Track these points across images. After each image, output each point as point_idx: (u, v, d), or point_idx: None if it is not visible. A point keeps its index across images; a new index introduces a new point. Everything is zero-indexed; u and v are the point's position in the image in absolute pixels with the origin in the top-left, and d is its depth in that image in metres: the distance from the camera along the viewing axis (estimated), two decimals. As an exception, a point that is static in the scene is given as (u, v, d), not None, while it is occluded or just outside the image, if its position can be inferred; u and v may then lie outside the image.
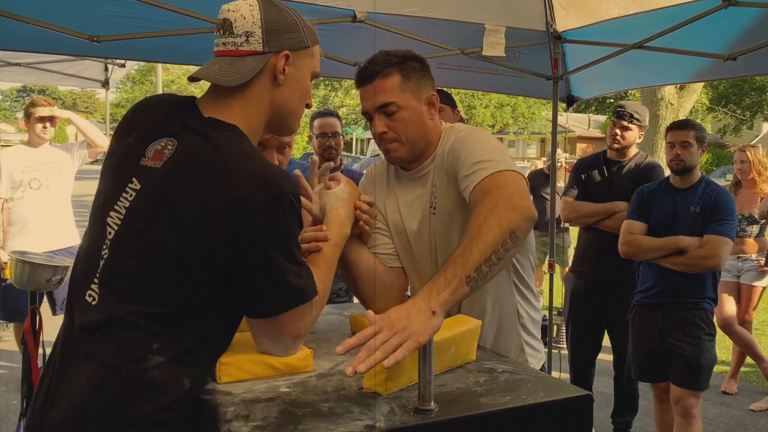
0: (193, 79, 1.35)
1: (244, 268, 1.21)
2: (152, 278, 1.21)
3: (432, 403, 1.21)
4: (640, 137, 3.60)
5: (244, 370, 1.36)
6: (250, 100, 1.33)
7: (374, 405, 1.23)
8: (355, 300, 3.89)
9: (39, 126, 4.05)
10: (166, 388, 1.19)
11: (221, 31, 1.33)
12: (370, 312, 1.21)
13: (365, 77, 1.66)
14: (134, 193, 1.25)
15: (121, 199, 1.26)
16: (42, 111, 4.02)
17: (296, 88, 1.37)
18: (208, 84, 1.38)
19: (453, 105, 3.14)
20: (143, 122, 1.36)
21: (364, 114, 1.71)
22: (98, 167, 1.68)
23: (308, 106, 1.45)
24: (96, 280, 1.24)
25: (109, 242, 1.25)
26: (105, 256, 1.24)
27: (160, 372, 1.19)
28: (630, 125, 3.50)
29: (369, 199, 1.69)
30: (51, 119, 4.07)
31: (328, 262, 1.47)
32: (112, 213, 1.26)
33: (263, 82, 1.32)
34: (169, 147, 1.27)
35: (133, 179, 1.27)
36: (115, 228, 1.25)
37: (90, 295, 1.24)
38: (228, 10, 1.32)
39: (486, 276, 1.29)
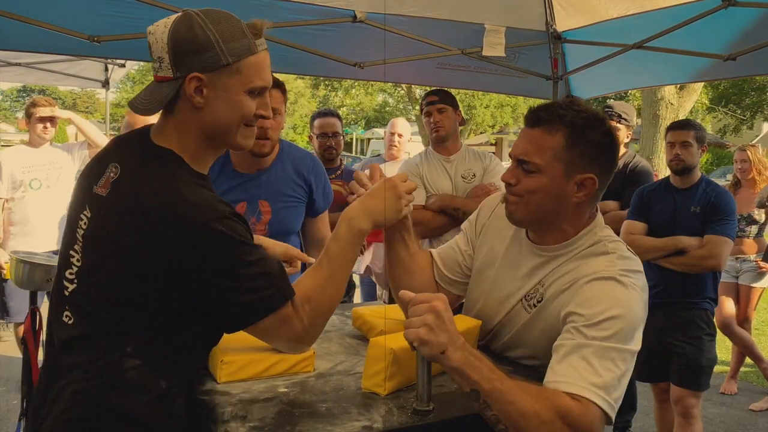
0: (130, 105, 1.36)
1: (193, 295, 1.23)
2: (115, 301, 1.24)
3: (430, 403, 1.21)
4: (628, 137, 3.59)
5: (245, 370, 1.36)
6: (179, 125, 1.31)
7: (372, 405, 1.23)
8: (356, 300, 3.90)
9: (40, 126, 4.05)
10: (143, 388, 1.24)
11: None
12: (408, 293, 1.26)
13: (532, 120, 1.45)
14: (87, 221, 1.29)
15: (78, 227, 1.30)
16: (42, 111, 4.02)
17: (224, 108, 1.30)
18: None
19: (455, 106, 3.16)
20: (107, 149, 1.41)
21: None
22: None
23: (262, 117, 1.41)
24: (68, 306, 1.29)
25: (75, 269, 1.29)
26: (74, 281, 1.29)
27: (137, 374, 1.23)
28: (618, 125, 3.50)
29: (410, 185, 1.52)
30: (51, 119, 4.07)
31: (330, 259, 1.39)
32: (75, 242, 1.31)
33: (185, 107, 1.29)
34: (112, 174, 1.29)
35: (86, 207, 1.30)
36: (78, 255, 1.29)
37: (66, 316, 1.29)
38: (149, 32, 1.29)
39: (477, 400, 1.18)
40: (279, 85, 2.27)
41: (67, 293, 1.30)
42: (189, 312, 1.26)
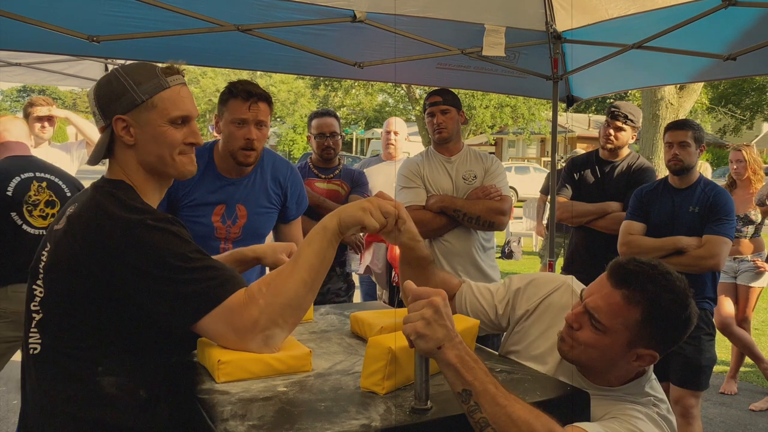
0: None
1: (138, 292, 1.33)
2: (77, 322, 1.36)
3: (428, 402, 1.22)
4: (633, 138, 3.60)
5: (243, 369, 1.36)
6: (121, 164, 1.49)
7: (371, 404, 1.23)
8: (355, 300, 3.90)
9: (37, 126, 4.04)
10: (123, 401, 1.35)
11: None
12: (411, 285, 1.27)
13: (615, 276, 1.41)
14: (47, 254, 1.43)
15: (41, 261, 1.43)
16: (40, 111, 4.02)
17: (152, 140, 1.46)
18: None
19: (458, 107, 3.15)
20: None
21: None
22: (98, 167, 1.72)
23: (193, 144, 1.53)
24: (36, 335, 1.41)
25: (39, 299, 1.41)
26: (39, 311, 1.41)
27: (115, 389, 1.35)
28: (624, 126, 3.50)
29: (387, 207, 1.47)
30: (49, 119, 4.07)
31: (298, 251, 1.44)
32: (38, 275, 1.43)
33: (120, 147, 1.48)
34: (69, 210, 1.45)
35: (47, 243, 1.45)
36: (40, 287, 1.42)
37: (33, 348, 1.41)
38: (87, 94, 1.46)
39: (467, 401, 1.17)
40: (266, 98, 2.37)
41: (34, 324, 1.41)
42: (144, 316, 1.35)
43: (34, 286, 1.43)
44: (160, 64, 1.52)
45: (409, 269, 1.72)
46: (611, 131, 3.52)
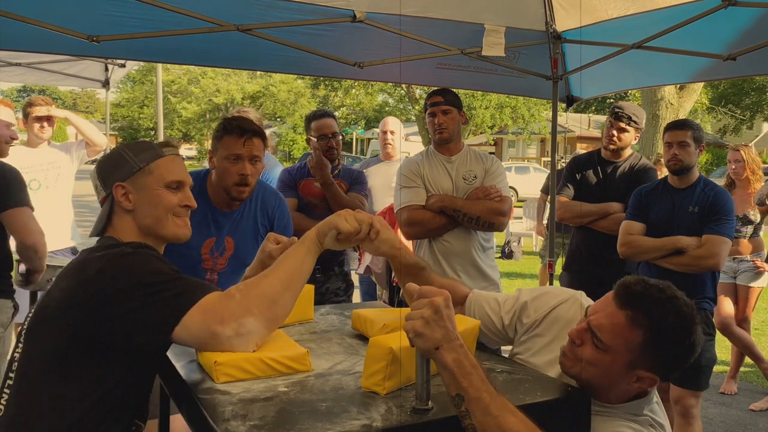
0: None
1: (120, 315, 1.40)
2: (48, 368, 1.43)
3: (429, 402, 1.22)
4: (636, 139, 3.59)
5: (241, 370, 1.36)
6: (120, 230, 1.62)
7: (372, 404, 1.23)
8: (355, 300, 3.90)
9: (36, 126, 4.04)
10: None
11: None
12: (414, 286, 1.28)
13: (622, 296, 1.40)
14: (30, 312, 1.53)
15: (23, 328, 1.52)
16: (39, 111, 4.01)
17: (150, 202, 1.61)
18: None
19: (459, 107, 3.16)
20: None
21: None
22: None
23: (187, 207, 1.67)
24: (7, 393, 1.48)
25: (18, 356, 1.49)
26: (12, 373, 1.48)
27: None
28: (627, 127, 3.49)
29: (364, 218, 1.58)
30: (48, 119, 4.06)
31: (275, 263, 1.52)
32: (19, 340, 1.51)
33: (120, 213, 1.62)
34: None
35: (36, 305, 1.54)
36: (20, 347, 1.50)
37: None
38: (90, 173, 1.65)
39: (459, 406, 1.17)
40: (260, 134, 2.40)
41: (6, 387, 1.48)
42: (129, 344, 1.42)
43: (16, 351, 1.50)
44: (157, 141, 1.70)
45: (404, 277, 1.73)
46: (614, 132, 3.51)
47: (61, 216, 4.13)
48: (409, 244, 3.74)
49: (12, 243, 3.97)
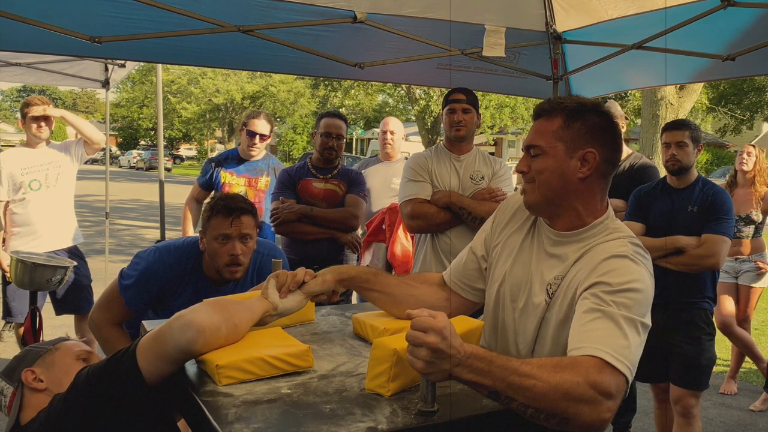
0: None
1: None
2: None
3: (434, 404, 1.22)
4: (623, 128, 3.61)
5: (243, 371, 1.36)
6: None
7: (376, 406, 1.23)
8: (354, 300, 3.90)
9: (34, 126, 4.03)
10: None
11: None
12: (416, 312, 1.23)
13: (536, 112, 1.60)
14: None
15: None
16: (35, 111, 4.01)
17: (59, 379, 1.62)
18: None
19: (478, 109, 3.22)
20: None
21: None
22: (98, 167, 1.73)
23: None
24: None
25: None
26: None
27: None
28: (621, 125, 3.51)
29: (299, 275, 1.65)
30: (46, 118, 4.06)
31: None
32: None
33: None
34: None
35: None
36: None
37: None
38: None
39: (499, 399, 1.19)
40: (249, 211, 2.33)
41: None
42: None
43: None
44: None
45: (367, 295, 1.73)
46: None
47: (61, 216, 4.13)
48: (409, 245, 3.75)
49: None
